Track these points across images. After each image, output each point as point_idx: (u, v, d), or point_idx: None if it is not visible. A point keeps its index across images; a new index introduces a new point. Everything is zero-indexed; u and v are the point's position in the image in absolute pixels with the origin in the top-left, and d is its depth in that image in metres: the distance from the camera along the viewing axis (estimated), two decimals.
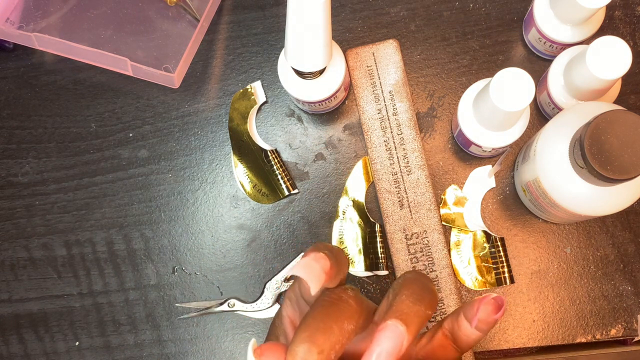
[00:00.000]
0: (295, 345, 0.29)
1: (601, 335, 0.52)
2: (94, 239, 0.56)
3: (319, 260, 0.31)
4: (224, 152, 0.56)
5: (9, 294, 0.57)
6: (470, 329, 0.34)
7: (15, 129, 0.58)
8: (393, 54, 0.54)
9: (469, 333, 0.34)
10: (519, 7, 0.55)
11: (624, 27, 0.54)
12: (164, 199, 0.56)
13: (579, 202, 0.43)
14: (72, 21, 0.57)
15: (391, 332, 0.30)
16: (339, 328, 0.30)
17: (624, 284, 0.52)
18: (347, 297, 0.32)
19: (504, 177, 0.54)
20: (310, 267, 0.31)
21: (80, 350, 0.56)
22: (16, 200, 0.57)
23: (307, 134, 0.56)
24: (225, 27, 0.57)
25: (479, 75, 0.55)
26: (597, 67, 0.43)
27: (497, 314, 0.33)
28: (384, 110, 0.54)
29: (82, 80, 0.58)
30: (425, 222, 0.52)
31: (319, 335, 0.29)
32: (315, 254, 0.31)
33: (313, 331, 0.29)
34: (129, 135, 0.57)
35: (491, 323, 0.34)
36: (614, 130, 0.38)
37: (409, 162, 0.53)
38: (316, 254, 0.31)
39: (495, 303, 0.34)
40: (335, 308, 0.31)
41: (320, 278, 0.31)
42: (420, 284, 0.34)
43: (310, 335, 0.29)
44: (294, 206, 0.55)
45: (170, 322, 0.55)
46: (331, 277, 0.32)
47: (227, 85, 0.57)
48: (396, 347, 0.30)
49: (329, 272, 0.31)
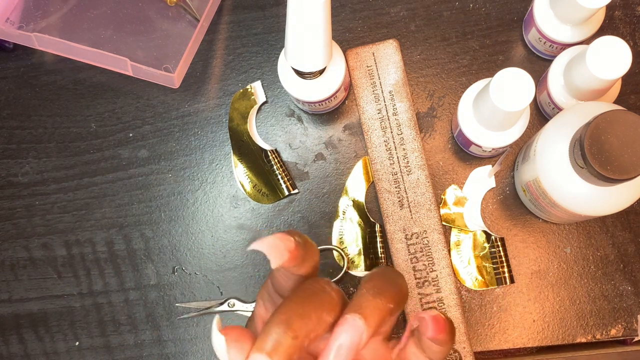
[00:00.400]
0: (270, 325, 0.28)
1: (601, 335, 0.52)
2: (94, 239, 0.56)
3: (282, 238, 0.30)
4: (224, 152, 0.56)
5: (9, 294, 0.57)
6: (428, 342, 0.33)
7: (15, 129, 0.58)
8: (393, 54, 0.54)
9: (429, 345, 0.33)
10: (519, 7, 0.55)
11: (624, 27, 0.54)
12: (164, 199, 0.56)
13: (579, 202, 0.43)
14: (72, 21, 0.57)
15: (349, 326, 0.30)
16: (317, 317, 0.29)
17: (624, 284, 0.52)
18: (330, 289, 0.31)
19: (504, 177, 0.54)
20: (272, 243, 0.30)
21: (80, 350, 0.56)
22: (16, 200, 0.57)
23: (307, 134, 0.56)
24: (225, 27, 0.57)
25: (479, 75, 0.55)
26: (597, 67, 0.43)
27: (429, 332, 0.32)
28: (384, 110, 0.54)
29: (82, 80, 0.58)
30: (425, 222, 0.52)
31: (296, 319, 0.28)
32: (280, 234, 0.31)
33: (290, 315, 0.28)
34: (129, 135, 0.57)
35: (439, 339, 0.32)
36: (614, 130, 0.38)
37: (409, 162, 0.53)
38: (281, 234, 0.31)
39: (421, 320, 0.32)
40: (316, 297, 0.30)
41: (282, 254, 0.30)
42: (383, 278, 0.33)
43: (287, 318, 0.28)
44: (294, 206, 0.55)
45: (170, 322, 0.55)
46: (295, 259, 0.31)
47: (227, 85, 0.57)
48: (354, 341, 0.29)
49: (293, 252, 0.30)
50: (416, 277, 0.52)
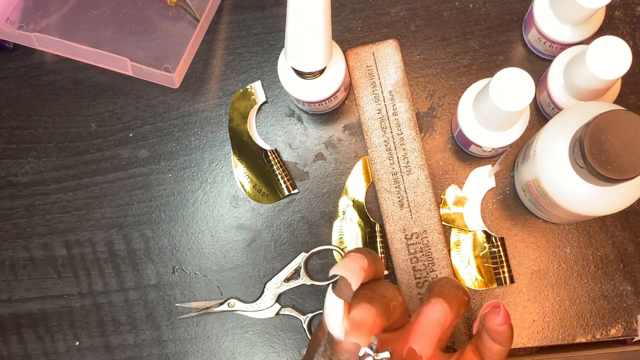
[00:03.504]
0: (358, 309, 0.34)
1: (601, 335, 0.52)
2: (94, 239, 0.56)
3: (357, 260, 0.34)
4: (224, 152, 0.56)
5: (9, 294, 0.57)
6: (489, 342, 0.37)
7: (15, 129, 0.58)
8: (393, 54, 0.54)
9: (489, 346, 0.37)
10: (519, 7, 0.55)
11: (624, 27, 0.54)
12: (164, 199, 0.56)
13: (579, 202, 0.43)
14: (72, 21, 0.57)
15: (436, 307, 0.35)
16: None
17: (624, 284, 0.52)
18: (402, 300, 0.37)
19: (504, 177, 0.54)
20: (350, 266, 0.34)
21: (80, 350, 0.56)
22: (16, 200, 0.57)
23: (307, 134, 0.56)
24: (225, 27, 0.57)
25: (479, 75, 0.55)
26: (597, 67, 0.43)
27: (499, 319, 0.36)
28: (384, 110, 0.54)
29: (82, 80, 0.58)
30: (425, 222, 0.52)
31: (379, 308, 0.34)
32: (353, 254, 0.35)
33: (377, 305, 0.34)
34: (129, 135, 0.57)
35: (502, 332, 0.36)
36: (614, 130, 0.38)
37: (409, 162, 0.53)
38: (353, 254, 0.35)
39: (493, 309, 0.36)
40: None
41: (360, 275, 0.34)
42: (452, 280, 0.39)
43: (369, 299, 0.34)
44: (294, 206, 0.55)
45: (170, 322, 0.55)
46: (369, 275, 0.35)
47: (227, 85, 0.57)
48: (441, 318, 0.35)
49: (367, 270, 0.35)
50: (416, 277, 0.52)
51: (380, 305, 0.34)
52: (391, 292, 0.36)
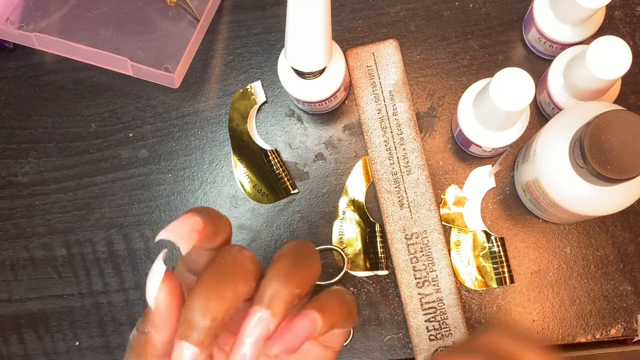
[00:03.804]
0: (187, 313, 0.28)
1: (601, 335, 0.52)
2: (94, 239, 0.56)
3: (186, 221, 0.30)
4: (224, 152, 0.56)
5: (9, 294, 0.57)
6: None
7: (15, 129, 0.58)
8: (393, 54, 0.54)
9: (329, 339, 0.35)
10: (519, 7, 0.55)
11: (624, 27, 0.54)
12: (164, 199, 0.56)
13: (579, 202, 0.43)
14: (72, 21, 0.57)
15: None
16: (233, 292, 0.29)
17: (624, 284, 0.52)
18: (243, 257, 0.31)
19: (504, 177, 0.54)
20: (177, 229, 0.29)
21: (80, 350, 0.56)
22: (16, 200, 0.57)
23: (307, 134, 0.56)
24: (225, 27, 0.57)
25: (479, 75, 0.55)
26: (597, 67, 0.43)
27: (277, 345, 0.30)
28: (384, 110, 0.54)
29: (82, 80, 0.58)
30: (425, 222, 0.52)
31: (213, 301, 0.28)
32: (184, 215, 0.30)
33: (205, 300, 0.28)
34: (129, 135, 0.57)
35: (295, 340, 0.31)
36: (614, 130, 0.38)
37: (409, 162, 0.53)
38: (185, 215, 0.30)
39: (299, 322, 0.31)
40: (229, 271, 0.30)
41: (191, 237, 0.29)
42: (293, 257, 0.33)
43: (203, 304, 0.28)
44: (294, 206, 0.55)
45: None
46: (206, 237, 0.30)
47: (227, 85, 0.57)
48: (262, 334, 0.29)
49: (202, 231, 0.30)
50: (416, 277, 0.52)
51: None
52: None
